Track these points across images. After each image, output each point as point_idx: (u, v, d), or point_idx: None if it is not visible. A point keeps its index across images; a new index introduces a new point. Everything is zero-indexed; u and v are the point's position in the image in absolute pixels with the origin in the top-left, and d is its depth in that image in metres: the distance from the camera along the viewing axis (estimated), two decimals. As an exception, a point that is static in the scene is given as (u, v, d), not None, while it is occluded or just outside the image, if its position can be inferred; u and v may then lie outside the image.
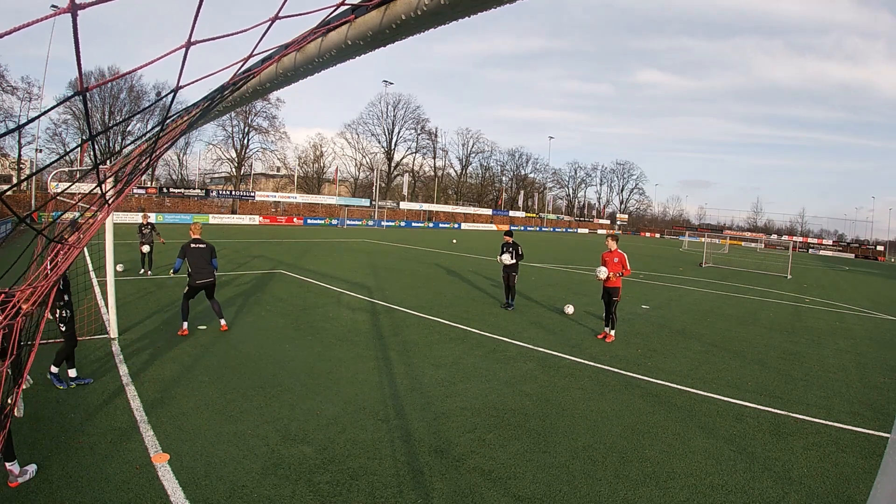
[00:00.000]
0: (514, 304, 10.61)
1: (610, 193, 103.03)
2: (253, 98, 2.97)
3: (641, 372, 6.61)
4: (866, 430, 5.19)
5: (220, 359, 6.15)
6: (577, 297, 12.46)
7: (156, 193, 42.86)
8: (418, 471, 3.81)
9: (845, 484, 4.04)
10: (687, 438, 4.67)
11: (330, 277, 13.34)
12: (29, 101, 39.19)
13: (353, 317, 8.91)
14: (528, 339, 7.93)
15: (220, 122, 53.41)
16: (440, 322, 8.83)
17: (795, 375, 7.01)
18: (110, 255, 7.09)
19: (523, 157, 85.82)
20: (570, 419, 4.95)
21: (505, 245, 10.43)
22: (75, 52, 0.90)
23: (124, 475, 3.49)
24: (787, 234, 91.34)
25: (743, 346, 8.56)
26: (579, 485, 3.76)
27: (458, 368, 6.31)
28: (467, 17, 1.51)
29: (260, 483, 3.51)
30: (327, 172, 65.07)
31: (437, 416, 4.83)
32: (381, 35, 1.67)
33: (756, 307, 13.21)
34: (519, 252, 10.35)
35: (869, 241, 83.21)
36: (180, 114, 4.04)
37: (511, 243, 10.35)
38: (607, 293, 8.27)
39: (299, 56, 2.05)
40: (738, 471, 4.12)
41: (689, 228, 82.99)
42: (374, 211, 56.34)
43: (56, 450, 3.79)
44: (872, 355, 8.61)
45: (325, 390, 5.33)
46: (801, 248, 74.75)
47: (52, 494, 3.23)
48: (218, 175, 60.12)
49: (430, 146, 74.02)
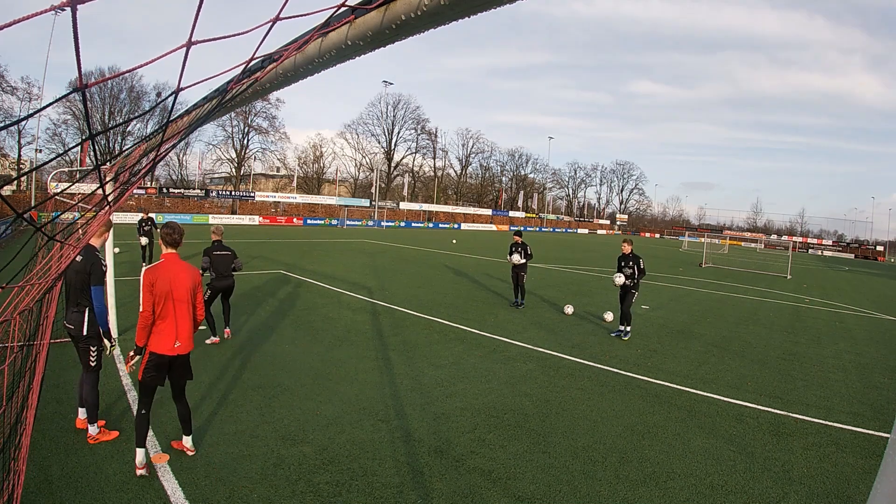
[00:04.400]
0: (524, 303, 10.81)
1: (610, 194, 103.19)
2: (253, 98, 2.98)
3: (641, 372, 6.61)
4: (866, 430, 5.20)
5: (220, 359, 6.15)
6: (576, 297, 12.46)
7: (155, 193, 42.87)
8: (418, 471, 3.81)
9: (845, 484, 4.04)
10: (687, 438, 4.67)
11: (330, 278, 13.34)
12: (29, 101, 39.20)
13: (353, 317, 8.91)
14: (528, 340, 7.92)
15: (220, 123, 53.45)
16: (440, 322, 8.83)
17: (795, 375, 7.01)
18: (110, 255, 7.09)
19: (523, 157, 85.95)
20: (570, 419, 4.95)
21: (514, 245, 10.61)
22: (75, 50, 0.89)
23: (124, 475, 3.48)
24: (786, 234, 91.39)
25: (743, 346, 8.56)
26: (579, 485, 3.76)
27: (458, 368, 6.31)
28: (467, 17, 1.51)
29: (260, 483, 3.51)
30: (327, 173, 65.12)
31: (437, 416, 4.83)
32: (381, 35, 1.67)
33: (756, 307, 13.21)
34: (528, 252, 10.57)
35: (868, 241, 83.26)
36: (181, 115, 4.04)
37: (520, 243, 10.56)
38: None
39: (299, 56, 2.05)
40: (738, 471, 4.12)
41: (688, 229, 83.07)
42: (374, 211, 56.33)
43: (56, 450, 3.79)
44: (872, 355, 8.61)
45: (325, 390, 5.33)
46: (800, 249, 74.76)
47: (52, 494, 3.23)
48: (218, 175, 60.13)
49: (430, 146, 74.09)
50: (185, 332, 3.68)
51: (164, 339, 3.59)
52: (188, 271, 3.75)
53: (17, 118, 2.39)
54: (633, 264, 8.38)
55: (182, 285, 3.66)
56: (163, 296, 3.58)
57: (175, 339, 3.61)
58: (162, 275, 3.62)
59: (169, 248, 3.77)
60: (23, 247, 3.37)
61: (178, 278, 3.66)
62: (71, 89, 12.60)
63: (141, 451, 3.53)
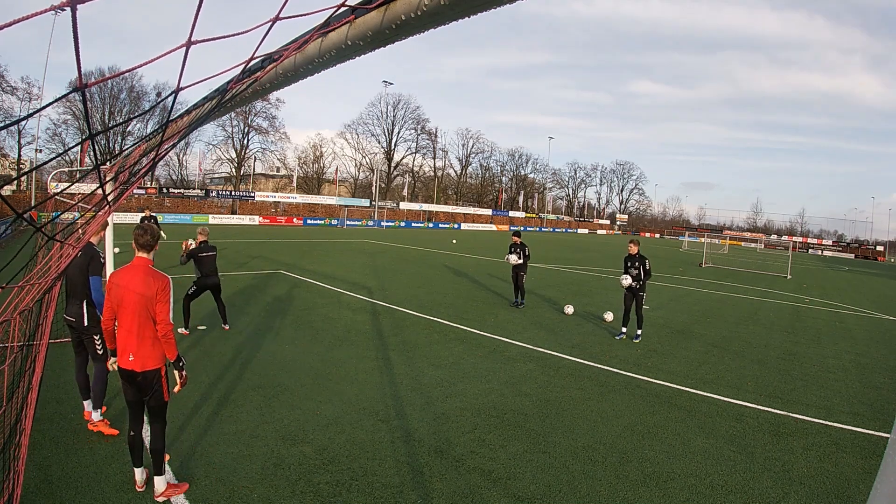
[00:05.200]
0: (524, 303, 10.81)
1: (610, 194, 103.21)
2: (253, 98, 2.98)
3: (641, 372, 6.61)
4: (866, 431, 5.20)
5: (220, 359, 6.15)
6: (576, 297, 12.46)
7: (155, 193, 42.86)
8: (418, 471, 3.81)
9: (845, 484, 4.04)
10: (687, 438, 4.67)
11: (330, 278, 13.34)
12: (29, 101, 39.20)
13: (353, 317, 8.91)
14: (528, 340, 7.93)
15: (220, 123, 53.45)
16: (440, 322, 8.83)
17: (795, 375, 7.01)
18: (110, 255, 7.09)
19: (523, 157, 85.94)
20: (570, 419, 4.95)
21: (513, 245, 10.61)
22: (75, 49, 0.89)
23: (124, 475, 3.48)
24: (786, 234, 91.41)
25: (743, 346, 8.56)
26: (579, 485, 3.76)
27: (458, 368, 6.31)
28: (467, 17, 1.51)
29: (260, 483, 3.51)
30: (327, 173, 65.10)
31: (437, 416, 4.83)
32: (381, 35, 1.67)
33: (756, 307, 13.21)
34: (526, 253, 10.56)
35: (868, 241, 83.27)
36: (181, 115, 4.04)
37: (519, 244, 10.56)
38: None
39: (299, 56, 2.05)
40: (738, 471, 4.12)
41: (688, 229, 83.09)
42: (374, 211, 56.34)
43: (56, 450, 3.79)
44: (872, 355, 8.61)
45: (325, 390, 5.33)
46: (800, 249, 74.77)
47: (52, 494, 3.23)
48: (218, 175, 60.13)
49: (430, 146, 74.09)
50: (132, 345, 3.20)
51: (121, 350, 3.24)
52: (145, 280, 3.22)
53: (17, 118, 2.38)
54: (640, 265, 8.36)
55: (130, 296, 3.20)
56: (118, 302, 3.22)
57: (128, 351, 3.21)
58: (119, 280, 3.25)
59: (141, 252, 3.34)
60: (22, 247, 3.36)
61: (130, 286, 3.21)
62: (71, 89, 12.56)
63: (137, 471, 3.33)
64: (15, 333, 3.43)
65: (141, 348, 3.21)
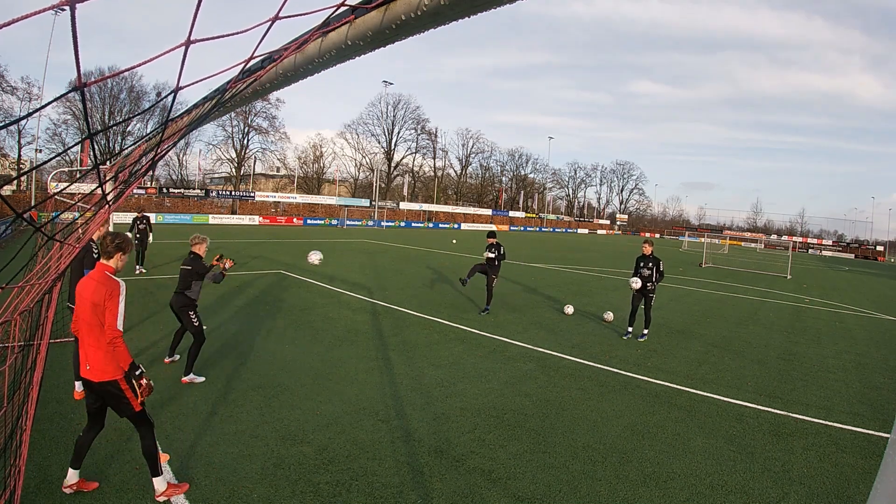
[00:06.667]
0: (489, 308, 9.90)
1: (610, 194, 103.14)
2: (253, 98, 2.98)
3: (641, 372, 6.61)
4: (866, 431, 5.20)
5: (220, 359, 6.15)
6: (576, 297, 12.46)
7: (155, 193, 42.83)
8: (418, 471, 3.81)
9: (845, 484, 4.04)
10: (687, 438, 4.67)
11: (330, 277, 13.34)
12: (29, 101, 39.19)
13: (353, 317, 8.91)
14: (528, 340, 7.92)
15: (220, 123, 53.42)
16: (440, 322, 8.83)
17: (795, 375, 7.01)
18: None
19: (523, 157, 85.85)
20: (570, 419, 4.95)
21: (490, 247, 9.95)
22: (74, 49, 0.89)
23: (124, 476, 3.48)
24: (786, 234, 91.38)
25: (743, 346, 8.56)
26: (579, 485, 3.76)
27: (458, 368, 6.31)
28: (467, 17, 1.51)
29: (260, 483, 3.51)
30: (327, 173, 65.09)
31: (437, 416, 4.83)
32: (381, 35, 1.67)
33: (756, 307, 13.21)
34: (501, 252, 9.92)
35: (868, 241, 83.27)
36: (181, 115, 4.04)
37: (495, 244, 9.95)
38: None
39: (299, 56, 2.05)
40: (737, 471, 4.12)
41: (688, 229, 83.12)
42: (374, 211, 56.32)
43: (56, 450, 3.78)
44: (872, 355, 8.61)
45: (325, 390, 5.33)
46: (800, 249, 74.78)
47: (52, 494, 3.23)
48: (218, 175, 60.12)
49: (430, 146, 74.06)
50: (89, 355, 3.09)
51: (80, 359, 3.14)
52: (95, 288, 3.09)
53: (17, 117, 2.39)
54: (654, 266, 8.34)
55: (83, 304, 3.10)
56: (77, 310, 3.14)
57: (86, 361, 3.11)
58: (79, 288, 3.16)
59: (102, 258, 3.23)
60: (22, 247, 3.36)
61: (84, 294, 3.11)
62: (70, 88, 12.45)
63: (71, 472, 3.24)
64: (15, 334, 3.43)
65: (94, 358, 3.09)
